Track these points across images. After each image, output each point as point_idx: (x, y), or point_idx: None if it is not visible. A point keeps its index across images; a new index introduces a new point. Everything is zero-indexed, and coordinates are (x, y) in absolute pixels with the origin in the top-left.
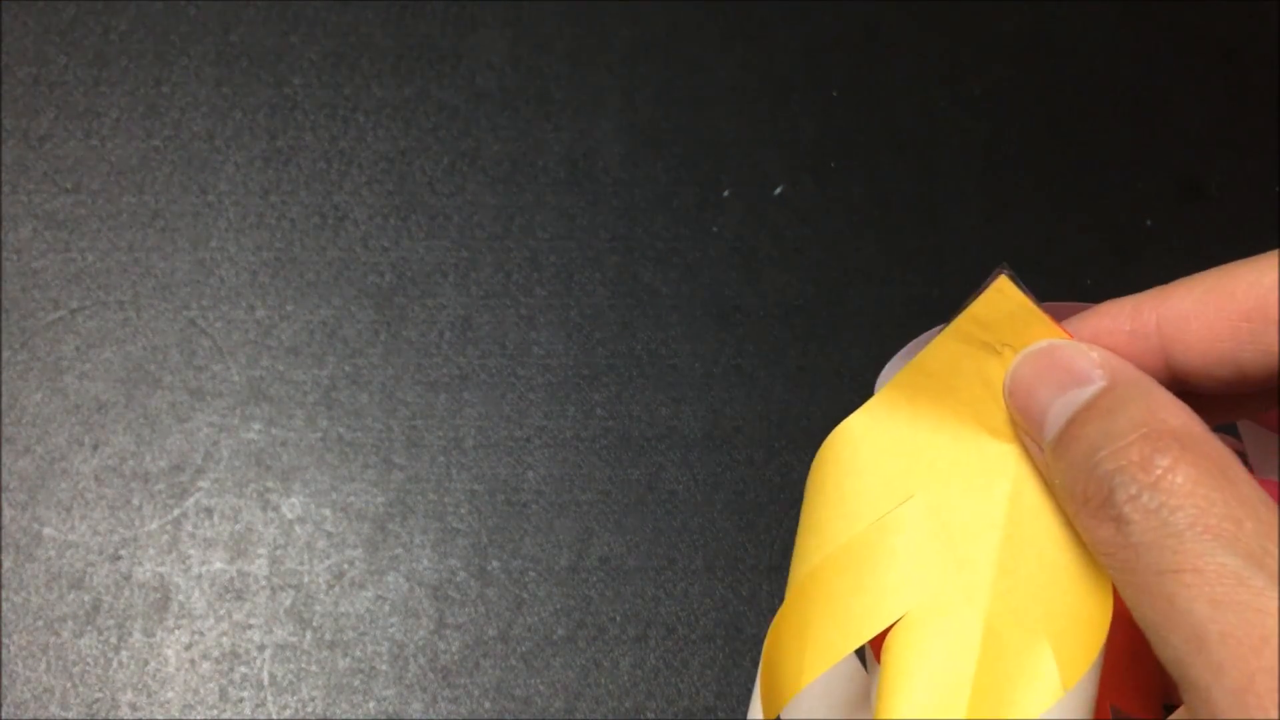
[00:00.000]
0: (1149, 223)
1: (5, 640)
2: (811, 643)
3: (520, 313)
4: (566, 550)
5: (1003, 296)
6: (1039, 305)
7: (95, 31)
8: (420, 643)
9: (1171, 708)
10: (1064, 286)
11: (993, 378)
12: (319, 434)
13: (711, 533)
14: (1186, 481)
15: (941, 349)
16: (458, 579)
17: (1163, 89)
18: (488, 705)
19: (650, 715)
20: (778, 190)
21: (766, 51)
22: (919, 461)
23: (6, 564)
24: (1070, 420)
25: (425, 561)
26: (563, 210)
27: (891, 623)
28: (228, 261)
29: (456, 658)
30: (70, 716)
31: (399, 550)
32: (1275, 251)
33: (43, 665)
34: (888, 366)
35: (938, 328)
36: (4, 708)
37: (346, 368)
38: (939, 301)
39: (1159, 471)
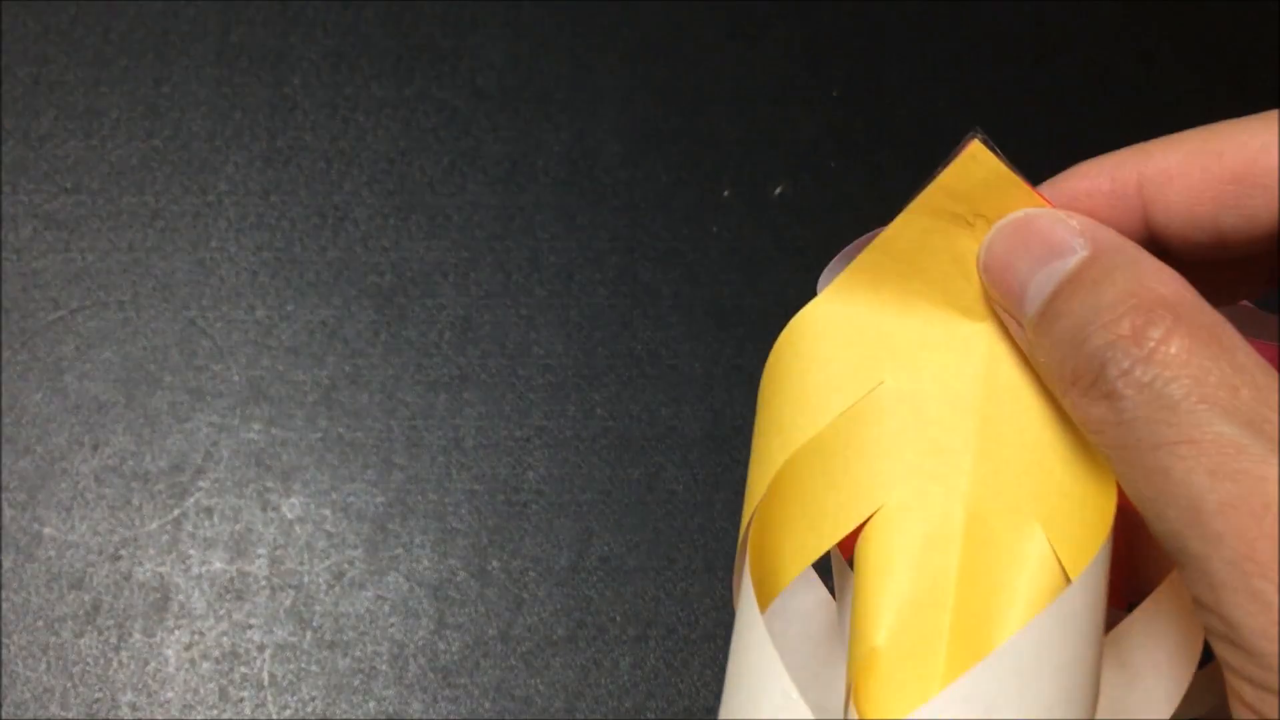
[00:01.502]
0: None
1: (5, 640)
2: (787, 544)
3: (520, 313)
4: (566, 550)
5: (976, 163)
6: (1015, 171)
7: (95, 31)
8: (420, 643)
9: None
10: None
11: (964, 252)
12: (319, 434)
13: (711, 533)
14: (1181, 351)
15: (907, 225)
16: (458, 579)
17: (1162, 89)
18: (488, 705)
19: (650, 715)
20: (778, 190)
21: (766, 51)
22: (886, 347)
23: (6, 564)
24: (1053, 294)
25: (425, 561)
26: (563, 210)
27: (866, 518)
28: (228, 261)
29: (456, 658)
30: (70, 716)
31: (399, 550)
32: (1271, 112)
33: (43, 665)
34: (827, 270)
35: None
36: (4, 708)
37: (346, 368)
38: None
39: (1152, 343)
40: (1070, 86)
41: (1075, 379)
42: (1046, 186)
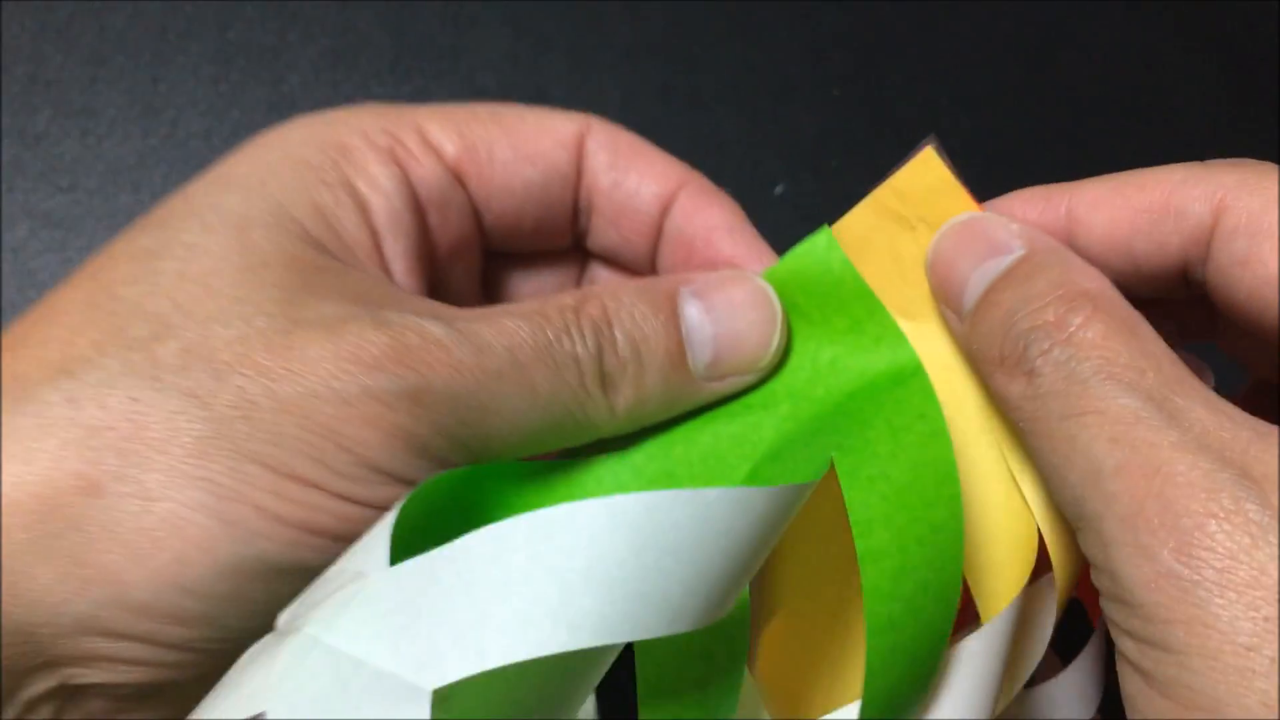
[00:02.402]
0: None
1: None
2: None
3: None
4: None
5: (927, 169)
6: (961, 182)
7: (92, 29)
8: None
9: None
10: None
11: (904, 254)
12: None
13: None
14: (1097, 336)
15: (857, 220)
16: None
17: (1163, 89)
18: None
19: None
20: (778, 190)
21: (766, 51)
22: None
23: None
24: (990, 288)
25: None
26: None
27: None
28: None
29: None
30: None
31: None
32: (1193, 163)
33: None
34: None
35: None
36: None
37: None
38: None
39: (1072, 328)
40: (1070, 86)
41: (1001, 360)
42: (987, 204)
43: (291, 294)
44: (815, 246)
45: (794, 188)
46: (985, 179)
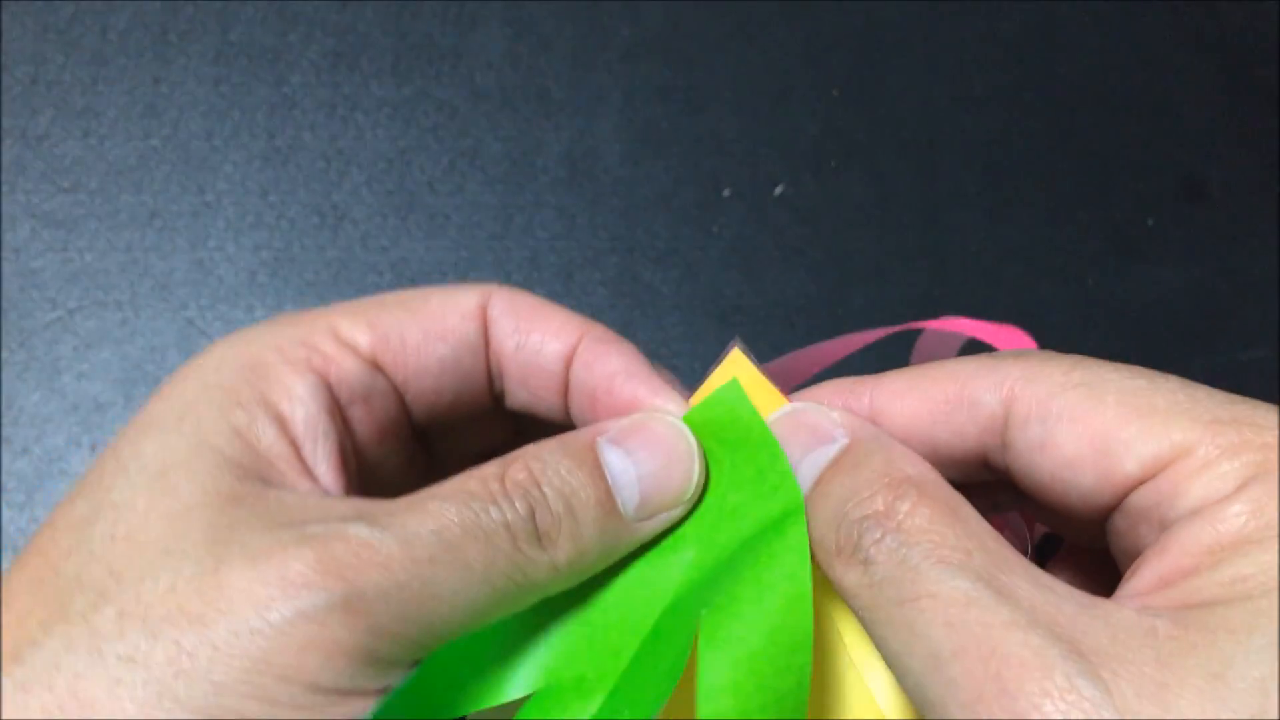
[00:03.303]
0: (1150, 222)
1: None
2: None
3: None
4: None
5: (737, 369)
6: (767, 376)
7: (93, 30)
8: None
9: None
10: (1067, 286)
11: None
12: None
13: None
14: (923, 521)
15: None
16: None
17: (1163, 89)
18: None
19: None
20: (778, 190)
21: (766, 51)
22: None
23: (6, 565)
24: (819, 479)
25: None
26: (563, 210)
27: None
28: (226, 261)
29: None
30: None
31: None
32: (984, 354)
33: None
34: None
35: None
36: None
37: None
38: (939, 301)
39: (901, 515)
40: (1071, 86)
41: (838, 551)
42: (796, 396)
43: (216, 532)
44: (725, 395)
45: (794, 188)
46: (987, 179)
